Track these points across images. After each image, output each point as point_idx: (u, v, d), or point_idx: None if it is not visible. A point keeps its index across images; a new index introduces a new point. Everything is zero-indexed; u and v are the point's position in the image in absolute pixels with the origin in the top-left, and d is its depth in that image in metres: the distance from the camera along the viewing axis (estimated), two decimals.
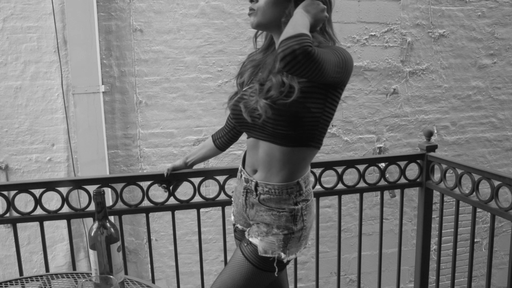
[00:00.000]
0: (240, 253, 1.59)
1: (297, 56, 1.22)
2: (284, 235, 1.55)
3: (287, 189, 1.53)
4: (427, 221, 2.44)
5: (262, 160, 1.54)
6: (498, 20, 3.78)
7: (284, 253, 1.55)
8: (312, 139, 1.50)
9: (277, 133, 1.46)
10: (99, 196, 1.35)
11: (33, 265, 3.32)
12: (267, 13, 1.47)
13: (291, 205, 1.54)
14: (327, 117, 1.49)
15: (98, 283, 1.28)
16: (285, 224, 1.54)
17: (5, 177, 3.19)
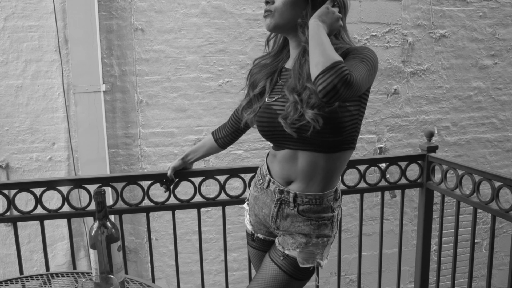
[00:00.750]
0: (275, 267, 1.53)
1: (339, 89, 1.21)
2: (322, 243, 1.54)
3: (327, 197, 1.51)
4: (428, 222, 2.44)
5: (302, 171, 1.48)
6: (499, 21, 3.78)
7: (322, 260, 1.54)
8: (352, 141, 1.49)
9: (323, 141, 1.42)
10: (99, 196, 1.35)
11: (34, 264, 3.33)
12: (285, 14, 1.42)
13: (330, 213, 1.53)
14: (361, 116, 1.47)
15: (98, 283, 1.28)
16: (324, 232, 1.53)
17: (5, 176, 3.19)
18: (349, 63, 1.31)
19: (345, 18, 1.49)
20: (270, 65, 1.58)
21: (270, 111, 1.49)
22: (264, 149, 3.51)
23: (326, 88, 1.21)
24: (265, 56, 1.62)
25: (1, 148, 3.18)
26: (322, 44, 1.28)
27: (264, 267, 1.57)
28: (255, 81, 1.58)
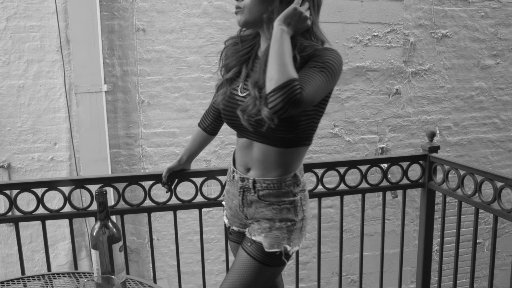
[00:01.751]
0: (244, 254, 1.57)
1: (287, 109, 1.27)
2: (287, 227, 1.55)
3: (285, 181, 1.54)
4: (429, 222, 2.44)
5: (257, 160, 1.54)
6: (501, 21, 3.77)
7: (289, 245, 1.55)
8: (308, 138, 1.54)
9: (277, 137, 1.47)
10: (101, 196, 1.36)
11: (35, 264, 3.33)
12: (254, 10, 1.46)
13: (291, 197, 1.55)
14: (319, 115, 1.54)
15: (99, 283, 1.28)
16: (287, 216, 1.55)
17: (7, 176, 3.20)
18: (306, 73, 1.34)
19: (317, 14, 1.50)
20: (243, 49, 1.59)
21: (233, 101, 1.53)
22: None
23: (275, 107, 1.28)
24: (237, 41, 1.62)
25: (3, 148, 3.18)
26: (281, 54, 1.31)
27: (236, 256, 1.62)
28: (228, 64, 1.60)
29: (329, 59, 1.40)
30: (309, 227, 3.85)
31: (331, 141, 3.64)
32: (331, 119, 3.61)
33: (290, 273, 3.71)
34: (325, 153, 3.64)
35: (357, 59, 3.56)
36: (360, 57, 3.56)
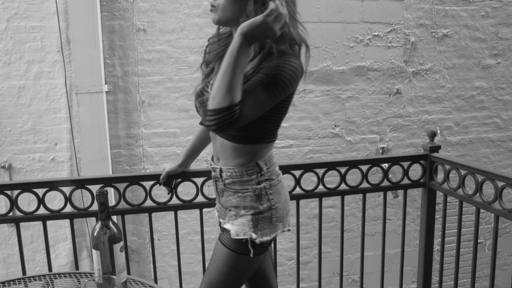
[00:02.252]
0: (218, 242, 1.64)
1: (224, 129, 1.35)
2: (251, 215, 1.57)
3: (246, 170, 1.58)
4: (430, 222, 2.44)
5: (219, 150, 1.61)
6: (502, 20, 3.77)
7: (256, 233, 1.57)
8: (263, 137, 1.57)
9: (227, 133, 1.52)
10: (102, 196, 1.36)
11: (36, 264, 3.33)
12: (227, 10, 1.48)
13: (254, 185, 1.58)
14: (277, 117, 1.55)
15: (100, 283, 1.28)
16: (250, 204, 1.58)
17: (8, 176, 3.20)
18: (251, 88, 1.36)
19: (294, 13, 1.53)
20: (220, 47, 1.66)
21: (201, 96, 1.58)
22: None
23: (211, 126, 1.36)
24: (216, 38, 1.71)
25: (3, 149, 3.18)
26: (232, 72, 1.31)
27: (214, 247, 1.68)
28: (207, 60, 1.68)
29: (279, 72, 1.39)
30: (310, 227, 3.86)
31: (331, 141, 3.64)
32: (331, 119, 3.60)
33: (291, 273, 3.71)
34: (326, 153, 3.64)
35: (358, 59, 3.56)
36: (360, 57, 3.56)
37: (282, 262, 3.66)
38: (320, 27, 3.45)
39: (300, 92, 3.51)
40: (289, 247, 3.68)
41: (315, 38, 3.46)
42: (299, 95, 3.51)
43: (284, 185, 1.67)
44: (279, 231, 1.62)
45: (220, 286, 1.63)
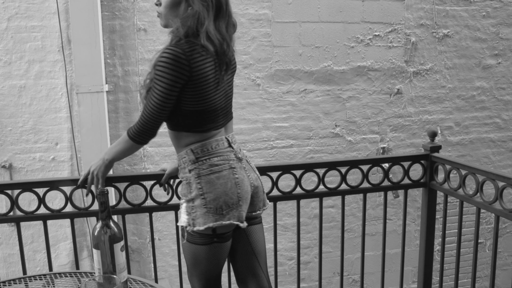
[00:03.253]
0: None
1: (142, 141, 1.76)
2: (185, 203, 1.69)
3: (181, 158, 1.71)
4: (431, 222, 2.44)
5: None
6: (502, 20, 3.77)
7: (188, 222, 1.67)
8: (188, 126, 1.68)
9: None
10: (102, 196, 1.36)
11: (37, 264, 3.33)
12: (167, 16, 1.65)
13: (186, 173, 1.69)
14: (189, 108, 1.63)
15: (101, 283, 1.28)
16: (183, 191, 1.70)
17: (9, 176, 3.20)
18: (147, 99, 1.65)
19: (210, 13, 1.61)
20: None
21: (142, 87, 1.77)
22: (267, 148, 3.51)
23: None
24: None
25: (4, 148, 3.18)
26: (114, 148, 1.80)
27: None
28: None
29: (158, 75, 1.57)
30: (310, 227, 3.86)
31: (332, 141, 3.63)
32: (332, 119, 3.60)
33: (292, 273, 3.71)
34: (327, 153, 3.64)
35: (359, 59, 3.56)
36: (361, 57, 3.56)
37: (282, 262, 3.66)
38: (321, 27, 3.45)
39: (301, 92, 3.51)
40: (290, 247, 3.68)
41: (315, 38, 3.46)
42: (300, 95, 3.51)
43: (227, 177, 1.67)
44: (216, 223, 1.65)
45: (190, 275, 1.82)
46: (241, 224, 1.69)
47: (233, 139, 1.78)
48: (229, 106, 1.79)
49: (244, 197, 1.70)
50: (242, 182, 1.70)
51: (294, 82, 3.49)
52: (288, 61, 3.45)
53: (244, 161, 1.76)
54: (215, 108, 1.67)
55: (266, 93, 3.43)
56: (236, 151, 1.74)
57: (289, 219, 3.64)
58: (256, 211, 1.82)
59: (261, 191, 1.81)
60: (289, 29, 3.41)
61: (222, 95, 1.70)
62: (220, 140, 1.71)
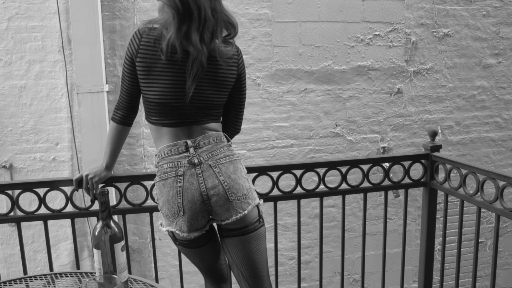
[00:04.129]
0: None
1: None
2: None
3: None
4: (431, 221, 2.44)
5: None
6: (503, 20, 3.77)
7: (161, 221, 1.78)
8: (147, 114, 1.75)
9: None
10: (103, 196, 1.36)
11: (37, 264, 3.33)
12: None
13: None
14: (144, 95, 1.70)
15: (102, 283, 1.28)
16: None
17: (9, 176, 3.20)
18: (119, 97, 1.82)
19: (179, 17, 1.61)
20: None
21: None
22: (268, 148, 3.51)
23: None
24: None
25: (4, 149, 3.18)
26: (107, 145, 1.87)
27: None
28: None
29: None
30: (311, 227, 3.86)
31: (332, 140, 3.63)
32: (332, 118, 3.60)
33: (292, 273, 3.71)
34: (327, 153, 3.64)
35: (359, 58, 3.56)
36: (361, 56, 3.56)
37: (283, 262, 3.66)
38: (321, 26, 3.45)
39: (301, 91, 3.51)
40: (290, 246, 3.68)
41: (316, 38, 3.46)
42: (300, 94, 3.51)
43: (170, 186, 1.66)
44: (170, 227, 1.72)
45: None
46: (182, 234, 1.70)
47: (200, 143, 1.69)
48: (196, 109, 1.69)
49: (187, 207, 1.65)
50: (185, 191, 1.64)
51: (294, 82, 3.49)
52: (289, 60, 3.45)
53: (204, 166, 1.66)
54: (156, 102, 1.68)
55: (266, 92, 3.43)
56: (192, 156, 1.66)
57: (290, 218, 3.63)
58: (224, 220, 1.69)
59: (224, 199, 1.66)
60: (289, 28, 3.41)
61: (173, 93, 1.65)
62: (174, 146, 1.68)
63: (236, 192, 1.67)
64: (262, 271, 1.81)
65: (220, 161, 1.68)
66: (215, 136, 1.72)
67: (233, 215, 1.68)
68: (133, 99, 1.77)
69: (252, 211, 1.72)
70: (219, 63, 1.66)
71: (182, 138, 1.69)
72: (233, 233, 1.73)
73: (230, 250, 1.77)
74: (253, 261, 1.77)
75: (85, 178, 1.90)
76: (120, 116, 1.81)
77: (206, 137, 1.70)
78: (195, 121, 1.70)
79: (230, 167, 1.69)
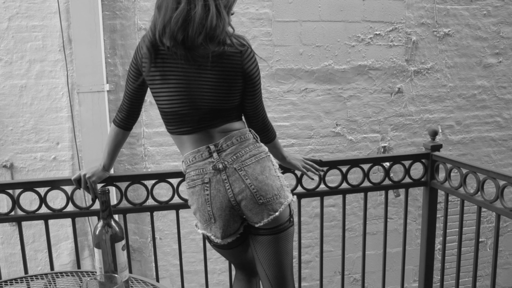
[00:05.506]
0: None
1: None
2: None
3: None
4: (432, 221, 2.44)
5: None
6: (503, 19, 3.77)
7: (196, 225, 1.77)
8: (165, 124, 1.73)
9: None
10: (103, 195, 1.36)
11: (38, 263, 3.34)
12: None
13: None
14: (159, 105, 1.68)
15: (102, 282, 1.28)
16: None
17: (10, 175, 3.20)
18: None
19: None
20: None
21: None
22: None
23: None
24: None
25: (5, 148, 3.19)
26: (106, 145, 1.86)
27: None
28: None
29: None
30: (311, 226, 3.86)
31: (333, 140, 3.63)
32: (333, 118, 3.60)
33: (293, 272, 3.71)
34: (327, 152, 3.64)
35: (359, 58, 3.56)
36: (362, 56, 3.56)
37: None
38: (322, 26, 3.45)
39: (302, 91, 3.51)
40: None
41: (316, 37, 3.46)
42: (301, 94, 3.51)
43: (199, 194, 1.65)
44: (206, 232, 1.71)
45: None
46: (217, 240, 1.69)
47: (223, 145, 1.63)
48: (205, 114, 1.63)
49: (217, 214, 1.63)
50: (213, 199, 1.62)
51: (295, 81, 3.49)
52: (289, 60, 3.45)
53: (229, 170, 1.61)
54: (166, 111, 1.65)
55: (267, 92, 3.43)
56: (216, 162, 1.62)
57: None
58: (256, 223, 1.66)
59: (253, 203, 1.62)
60: (289, 28, 3.41)
61: (178, 100, 1.60)
62: (197, 152, 1.65)
63: (265, 194, 1.62)
64: (286, 272, 1.78)
65: (246, 163, 1.62)
66: (239, 135, 1.66)
67: (264, 218, 1.64)
68: (134, 104, 1.75)
69: (285, 211, 1.67)
70: (223, 62, 1.58)
71: (204, 143, 1.64)
72: (263, 231, 1.69)
73: (257, 249, 1.74)
74: (278, 262, 1.74)
75: (83, 178, 1.90)
76: (120, 120, 1.79)
77: (229, 137, 1.64)
78: (210, 125, 1.64)
79: (257, 167, 1.63)
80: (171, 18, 1.50)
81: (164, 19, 1.52)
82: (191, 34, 1.51)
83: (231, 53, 1.59)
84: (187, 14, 1.49)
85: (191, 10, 1.49)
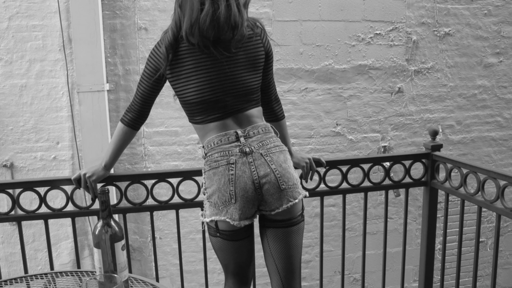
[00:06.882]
0: None
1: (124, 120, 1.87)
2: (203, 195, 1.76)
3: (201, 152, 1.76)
4: (432, 221, 2.44)
5: None
6: (504, 19, 3.76)
7: (203, 213, 1.76)
8: (190, 116, 1.77)
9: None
10: (103, 195, 1.36)
11: (38, 263, 3.34)
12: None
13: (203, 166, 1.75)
14: (180, 99, 1.74)
15: (102, 282, 1.28)
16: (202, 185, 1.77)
17: (10, 175, 3.20)
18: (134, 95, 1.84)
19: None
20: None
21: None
22: None
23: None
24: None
25: (5, 148, 3.19)
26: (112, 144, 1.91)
27: None
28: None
29: (147, 60, 1.78)
30: (311, 226, 3.86)
31: (333, 139, 3.63)
32: (333, 117, 3.60)
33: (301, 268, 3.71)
34: (328, 152, 3.63)
35: (360, 57, 3.56)
36: (362, 55, 3.56)
37: None
38: (322, 25, 3.44)
39: (302, 90, 3.50)
40: None
41: (316, 37, 3.45)
42: (301, 93, 3.51)
43: (222, 174, 1.68)
44: (216, 217, 1.69)
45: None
46: (233, 223, 1.68)
47: (250, 133, 1.71)
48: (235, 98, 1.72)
49: (240, 195, 1.65)
50: (238, 179, 1.65)
51: (295, 81, 3.49)
52: (289, 59, 3.45)
53: (256, 154, 1.67)
54: (195, 101, 1.70)
55: None
56: (243, 145, 1.68)
57: None
58: (274, 209, 1.70)
59: (276, 187, 1.67)
60: (290, 27, 3.41)
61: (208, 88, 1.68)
62: (224, 135, 1.70)
63: (288, 181, 1.70)
64: (295, 266, 1.84)
65: (271, 150, 1.71)
66: (264, 127, 1.75)
67: (283, 204, 1.71)
68: (146, 104, 1.81)
69: (300, 202, 1.78)
70: (245, 45, 1.71)
71: (231, 128, 1.71)
72: (277, 224, 1.75)
73: (270, 241, 1.79)
74: (289, 255, 1.80)
75: (83, 177, 1.90)
76: (129, 119, 1.83)
77: (255, 127, 1.73)
78: (238, 109, 1.73)
79: (280, 156, 1.72)
80: (198, 19, 1.61)
81: (190, 19, 1.62)
82: (217, 32, 1.63)
83: (252, 35, 1.73)
84: (212, 14, 1.61)
85: (216, 11, 1.61)
